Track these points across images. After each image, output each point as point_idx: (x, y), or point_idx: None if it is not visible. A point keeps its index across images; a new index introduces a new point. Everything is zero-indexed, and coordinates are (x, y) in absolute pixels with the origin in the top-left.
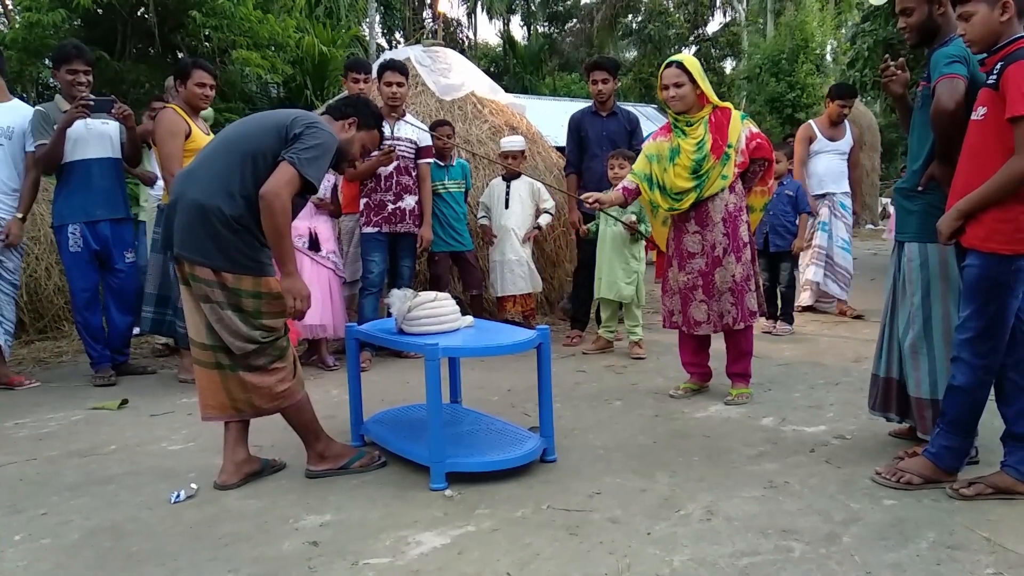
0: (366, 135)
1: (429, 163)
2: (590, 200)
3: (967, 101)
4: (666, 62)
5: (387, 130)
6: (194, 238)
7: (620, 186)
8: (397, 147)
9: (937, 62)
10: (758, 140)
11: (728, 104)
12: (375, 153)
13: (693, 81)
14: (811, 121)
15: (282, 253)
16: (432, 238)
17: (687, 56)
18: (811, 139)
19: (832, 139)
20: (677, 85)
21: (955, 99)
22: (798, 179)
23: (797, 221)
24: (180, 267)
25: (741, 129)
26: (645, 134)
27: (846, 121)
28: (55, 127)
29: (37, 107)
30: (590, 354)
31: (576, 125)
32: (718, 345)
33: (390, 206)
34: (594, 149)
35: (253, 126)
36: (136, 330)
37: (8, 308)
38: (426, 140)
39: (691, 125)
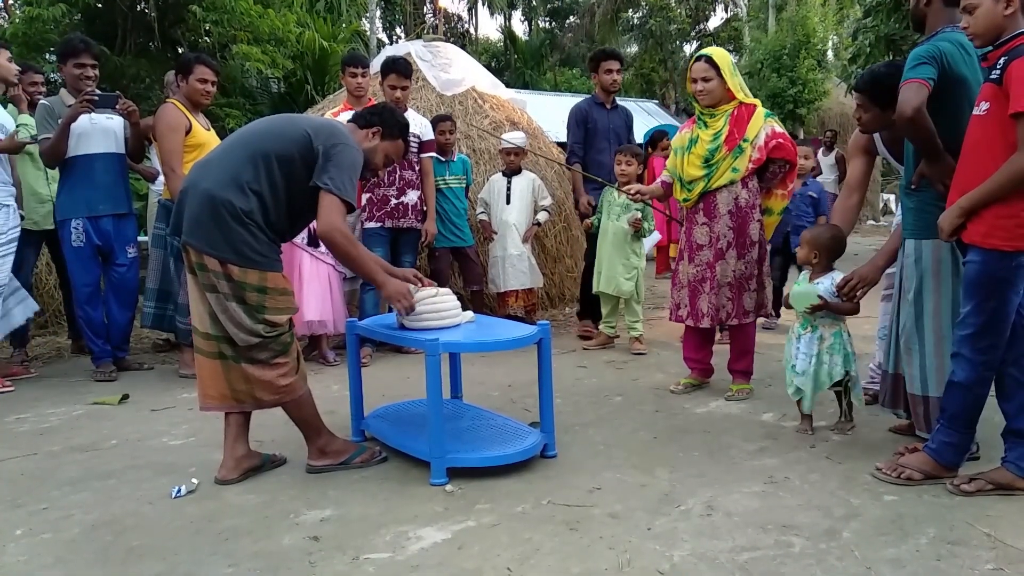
0: (390, 145)
1: (432, 157)
2: (632, 191)
3: (951, 99)
4: (696, 55)
5: None
6: (203, 228)
7: (659, 179)
8: None
9: (908, 63)
10: (779, 140)
11: (756, 101)
12: None
13: (721, 76)
14: None
15: (364, 272)
16: (436, 232)
17: (718, 50)
18: (867, 148)
19: (892, 149)
20: (705, 79)
21: (912, 104)
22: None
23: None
24: (187, 255)
25: (763, 126)
26: (647, 129)
27: None
28: (59, 121)
29: (42, 101)
30: (591, 350)
31: (583, 116)
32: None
33: (393, 201)
34: (601, 143)
35: (274, 128)
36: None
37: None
38: (428, 134)
39: (713, 117)
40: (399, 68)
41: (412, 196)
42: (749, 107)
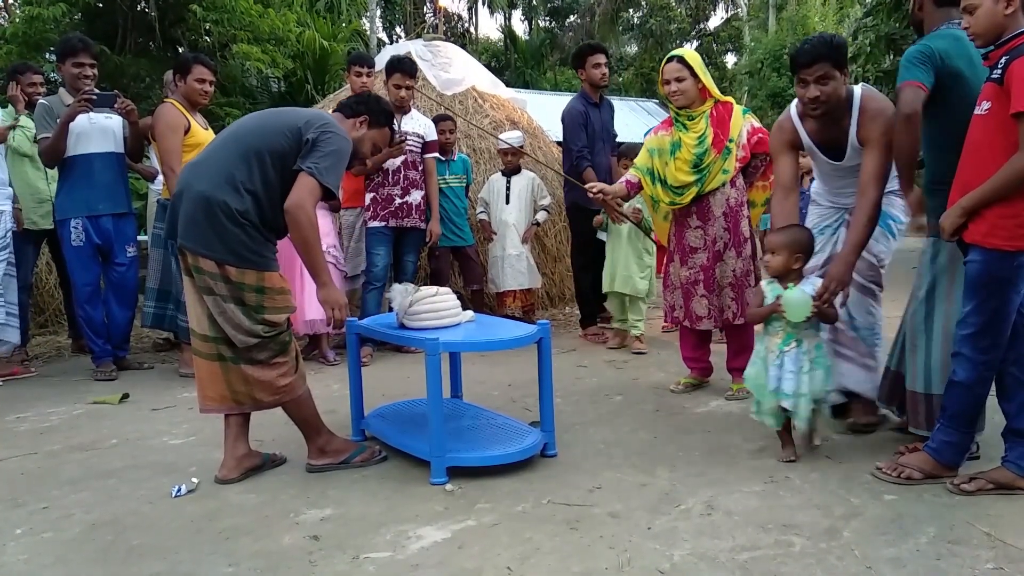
0: (377, 133)
1: (435, 157)
2: (595, 190)
3: (950, 95)
4: (667, 56)
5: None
6: (199, 230)
7: (623, 179)
8: (406, 141)
9: (902, 63)
10: (760, 135)
11: (730, 99)
12: None
13: (695, 75)
14: (791, 107)
15: (314, 264)
16: (440, 233)
17: (688, 51)
18: (793, 143)
19: (821, 143)
20: (679, 80)
21: (913, 108)
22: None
23: None
24: (183, 258)
25: (743, 124)
26: (646, 129)
27: (855, 104)
28: (58, 120)
29: (40, 100)
30: (613, 349)
31: (584, 118)
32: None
33: (397, 200)
34: (598, 144)
35: (265, 123)
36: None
37: (12, 293)
38: (432, 135)
39: (692, 119)
40: (404, 67)
41: (416, 196)
42: (726, 105)
